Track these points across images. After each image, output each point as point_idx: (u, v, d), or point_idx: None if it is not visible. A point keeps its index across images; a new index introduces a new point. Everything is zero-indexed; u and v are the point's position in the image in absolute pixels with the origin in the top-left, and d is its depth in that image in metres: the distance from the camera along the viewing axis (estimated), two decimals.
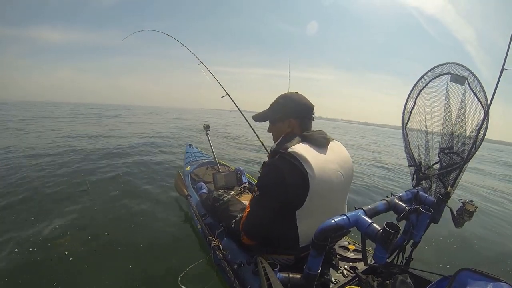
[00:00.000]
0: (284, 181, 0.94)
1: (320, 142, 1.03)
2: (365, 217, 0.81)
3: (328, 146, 1.06)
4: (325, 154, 1.02)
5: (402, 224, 0.95)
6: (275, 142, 1.17)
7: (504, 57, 0.91)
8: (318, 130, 1.11)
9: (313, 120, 1.15)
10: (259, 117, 1.24)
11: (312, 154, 0.97)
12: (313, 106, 1.14)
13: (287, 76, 2.35)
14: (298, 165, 0.93)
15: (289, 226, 1.01)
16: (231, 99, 2.59)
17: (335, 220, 0.79)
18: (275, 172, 0.98)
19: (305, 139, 1.03)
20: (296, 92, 1.17)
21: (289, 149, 0.96)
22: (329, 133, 1.14)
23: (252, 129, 2.50)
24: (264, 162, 1.06)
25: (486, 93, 1.01)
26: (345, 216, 0.80)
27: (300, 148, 0.96)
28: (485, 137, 1.02)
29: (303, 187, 0.94)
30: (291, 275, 0.94)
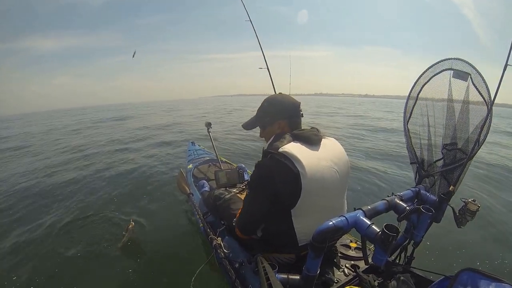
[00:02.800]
0: (273, 180, 0.95)
1: (312, 140, 1.03)
2: (364, 218, 0.80)
3: (321, 143, 1.06)
4: (317, 151, 1.01)
5: (403, 223, 0.94)
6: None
7: (508, 53, 0.88)
8: (311, 127, 1.11)
9: (302, 116, 1.15)
10: (248, 125, 1.27)
11: (304, 152, 0.96)
12: (299, 103, 1.14)
13: (283, 56, 2.33)
14: (289, 165, 0.93)
15: (285, 225, 1.01)
16: (269, 73, 2.51)
17: (333, 222, 0.78)
18: (264, 172, 0.99)
19: (296, 138, 1.03)
20: (280, 93, 1.21)
21: (280, 149, 0.95)
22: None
23: None
24: (257, 162, 1.06)
25: (490, 89, 0.98)
26: (344, 218, 0.79)
27: (291, 147, 0.96)
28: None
29: (294, 186, 0.93)
30: (289, 276, 0.93)
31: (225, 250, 1.30)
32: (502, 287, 0.75)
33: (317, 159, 0.99)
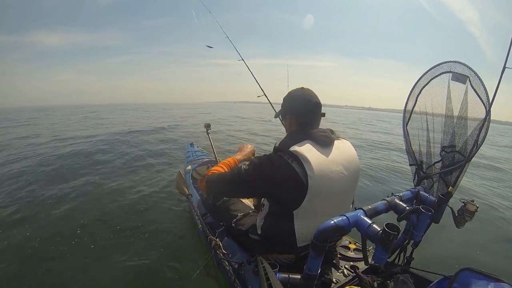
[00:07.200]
0: (269, 177, 0.95)
1: (324, 142, 0.99)
2: (365, 218, 0.80)
3: (334, 145, 1.02)
4: (328, 154, 0.98)
5: (402, 224, 0.95)
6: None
7: (506, 56, 0.89)
8: (324, 128, 1.07)
9: (324, 116, 1.10)
10: (276, 114, 1.24)
11: (314, 154, 0.94)
12: (316, 102, 1.06)
13: (288, 65, 2.32)
14: (296, 166, 0.92)
15: (286, 225, 0.99)
16: (267, 99, 2.46)
17: (335, 220, 0.78)
18: (266, 165, 0.97)
19: (308, 138, 0.99)
20: (302, 88, 1.12)
21: (290, 148, 0.94)
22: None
23: None
24: (268, 155, 1.03)
25: (488, 92, 1.00)
26: (345, 217, 0.80)
27: (302, 147, 0.94)
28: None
29: (299, 187, 0.92)
30: (290, 276, 0.93)
31: (224, 251, 1.30)
32: (502, 287, 0.76)
33: (328, 162, 0.96)
